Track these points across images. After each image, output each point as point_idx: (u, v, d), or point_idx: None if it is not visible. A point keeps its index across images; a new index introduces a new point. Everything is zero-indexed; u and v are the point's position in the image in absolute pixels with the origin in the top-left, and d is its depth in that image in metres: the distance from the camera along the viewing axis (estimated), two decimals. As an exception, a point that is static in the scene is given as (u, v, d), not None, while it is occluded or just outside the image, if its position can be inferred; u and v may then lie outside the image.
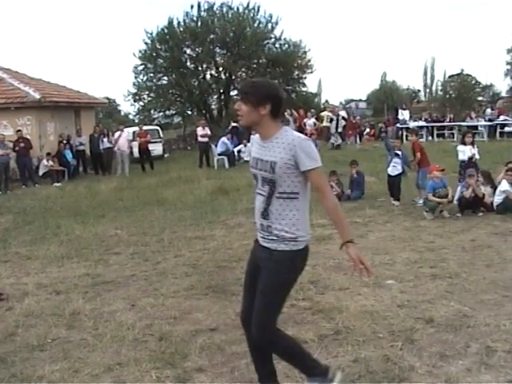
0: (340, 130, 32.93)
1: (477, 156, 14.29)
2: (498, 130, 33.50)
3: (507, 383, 4.78)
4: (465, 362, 5.20)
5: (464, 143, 14.52)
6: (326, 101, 52.54)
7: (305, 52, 47.87)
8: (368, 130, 39.39)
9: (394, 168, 14.25)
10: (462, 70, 56.66)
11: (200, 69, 46.43)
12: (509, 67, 51.54)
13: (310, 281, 7.90)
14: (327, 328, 6.15)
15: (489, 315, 6.29)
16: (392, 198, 14.30)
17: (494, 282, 7.60)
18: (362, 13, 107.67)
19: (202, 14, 44.79)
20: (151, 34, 44.69)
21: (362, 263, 4.17)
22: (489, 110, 38.34)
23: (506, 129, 33.82)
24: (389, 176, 14.44)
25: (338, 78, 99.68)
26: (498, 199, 12.69)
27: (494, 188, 13.20)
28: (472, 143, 14.47)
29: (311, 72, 48.82)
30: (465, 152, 14.27)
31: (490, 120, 34.69)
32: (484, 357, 5.25)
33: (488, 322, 6.10)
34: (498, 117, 35.18)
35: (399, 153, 14.35)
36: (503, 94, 58.16)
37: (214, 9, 45.12)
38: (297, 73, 48.20)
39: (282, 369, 4.89)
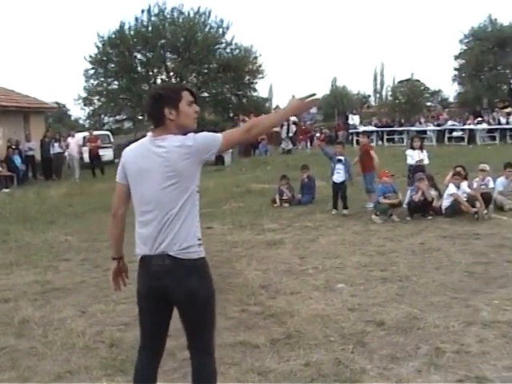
0: (291, 134, 33.11)
1: (426, 161, 14.48)
2: (447, 135, 34.03)
3: (456, 383, 4.86)
4: (415, 363, 5.27)
5: (413, 148, 14.73)
6: (277, 106, 52.65)
7: (256, 57, 47.97)
8: (318, 134, 39.63)
9: (339, 175, 14.01)
10: (413, 75, 57.37)
11: (151, 73, 46.23)
12: (456, 73, 52.32)
13: (261, 285, 7.93)
14: (279, 332, 6.16)
15: (438, 317, 6.38)
16: (334, 210, 13.96)
17: (443, 284, 7.71)
18: (313, 18, 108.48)
19: (153, 18, 44.60)
20: (103, 37, 44.39)
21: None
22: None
23: (454, 134, 34.37)
24: (334, 183, 14.16)
25: (289, 83, 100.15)
26: (446, 203, 12.90)
27: (438, 191, 13.47)
28: (420, 148, 14.68)
29: (262, 77, 48.93)
30: (413, 156, 14.48)
31: (438, 125, 35.22)
32: (433, 358, 5.33)
33: (437, 323, 6.19)
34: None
35: (342, 158, 14.12)
36: (451, 100, 59.14)
37: (165, 13, 44.99)
38: (248, 78, 48.22)
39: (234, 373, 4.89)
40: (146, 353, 4.06)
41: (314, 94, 3.98)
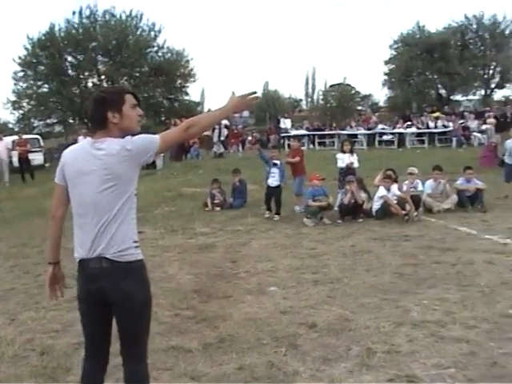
0: (222, 138, 33.08)
1: (356, 164, 14.67)
2: (377, 139, 34.53)
3: (387, 383, 4.93)
4: (347, 364, 5.32)
5: (343, 151, 14.90)
6: (209, 110, 52.53)
7: (187, 61, 47.77)
8: (250, 138, 39.70)
9: (274, 179, 14.09)
10: (345, 79, 58.13)
11: (82, 77, 45.51)
12: (386, 78, 53.21)
13: (193, 290, 7.91)
14: (211, 336, 6.14)
15: (369, 318, 6.47)
16: (267, 212, 14.03)
17: (374, 285, 7.82)
18: (244, 23, 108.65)
19: (84, 21, 43.89)
20: (32, 39, 43.48)
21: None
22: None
23: (384, 137, 34.91)
24: (268, 187, 14.22)
25: (221, 87, 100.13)
26: (376, 205, 13.10)
27: (368, 194, 13.69)
28: (351, 151, 14.86)
29: (194, 81, 48.74)
30: (343, 160, 14.65)
31: (369, 129, 35.70)
32: (365, 358, 5.40)
33: (368, 324, 6.27)
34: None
35: (277, 163, 14.24)
36: (381, 104, 60.08)
37: (97, 16, 44.33)
38: (180, 81, 48.01)
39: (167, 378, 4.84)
40: (89, 363, 4.02)
41: (255, 92, 4.01)
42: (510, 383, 4.86)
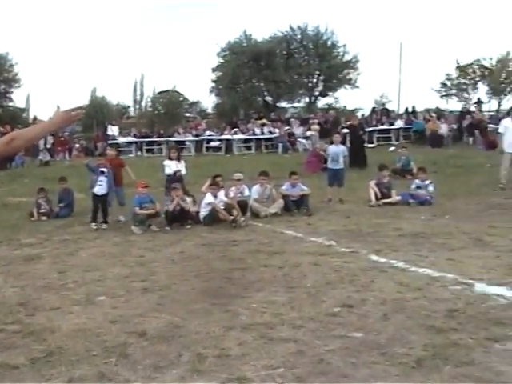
0: (48, 146, 32.19)
1: (183, 171, 14.74)
2: (205, 145, 34.87)
3: (218, 386, 5.00)
4: (178, 370, 5.33)
5: (170, 158, 14.94)
6: (35, 117, 50.86)
7: (12, 65, 46.10)
8: (78, 145, 38.87)
9: (101, 187, 13.71)
10: (175, 86, 58.09)
11: None
12: (214, 85, 53.82)
13: (18, 303, 7.63)
14: (39, 350, 5.93)
15: (199, 323, 6.51)
16: (94, 224, 13.57)
17: (203, 291, 7.89)
18: (72, 27, 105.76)
19: None
20: None
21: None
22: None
23: (212, 144, 35.34)
24: (95, 196, 13.80)
25: (48, 93, 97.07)
26: (203, 212, 13.23)
27: (193, 198, 13.86)
28: (178, 158, 14.93)
29: (19, 86, 47.14)
30: (171, 166, 14.70)
31: (196, 135, 35.97)
32: (196, 364, 5.43)
33: (198, 330, 6.31)
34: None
35: (105, 170, 13.86)
36: (209, 111, 60.64)
37: None
38: (3, 87, 46.24)
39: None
40: None
41: (81, 108, 3.90)
42: (336, 378, 5.06)
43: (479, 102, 44.52)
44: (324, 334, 6.07)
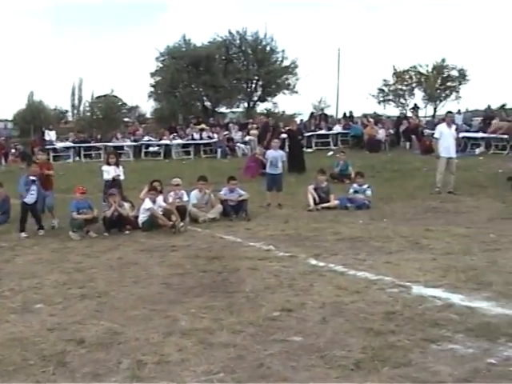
0: (-17, 151, 31.57)
1: (122, 176, 14.64)
2: (143, 150, 34.62)
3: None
4: (117, 378, 5.30)
5: (108, 163, 14.82)
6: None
7: None
8: (14, 150, 38.16)
9: (33, 196, 13.21)
10: (113, 91, 57.61)
11: None
12: (152, 89, 53.55)
13: (-48, 312, 7.46)
14: (-26, 360, 5.83)
15: (138, 330, 6.48)
16: (23, 233, 12.96)
17: (142, 297, 7.85)
18: (7, 29, 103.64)
19: None
20: None
21: None
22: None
23: (151, 149, 35.13)
24: (26, 204, 13.21)
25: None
26: (142, 217, 13.15)
27: (131, 203, 13.77)
28: (116, 163, 14.81)
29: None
30: (109, 172, 14.59)
31: (135, 140, 35.71)
32: (135, 371, 5.41)
33: (138, 336, 6.28)
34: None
35: (35, 179, 13.34)
36: (148, 116, 60.38)
37: None
38: None
39: None
40: None
41: None
42: (276, 382, 5.11)
43: (416, 108, 45.42)
44: (263, 339, 6.11)
